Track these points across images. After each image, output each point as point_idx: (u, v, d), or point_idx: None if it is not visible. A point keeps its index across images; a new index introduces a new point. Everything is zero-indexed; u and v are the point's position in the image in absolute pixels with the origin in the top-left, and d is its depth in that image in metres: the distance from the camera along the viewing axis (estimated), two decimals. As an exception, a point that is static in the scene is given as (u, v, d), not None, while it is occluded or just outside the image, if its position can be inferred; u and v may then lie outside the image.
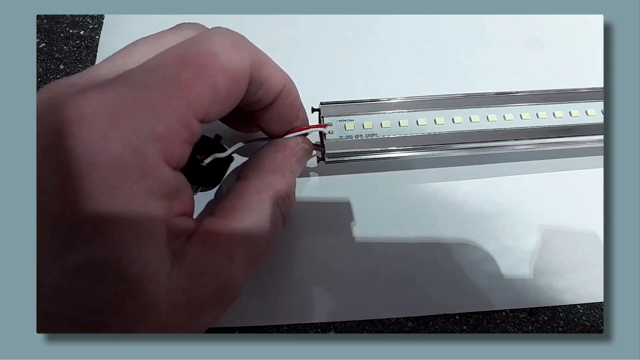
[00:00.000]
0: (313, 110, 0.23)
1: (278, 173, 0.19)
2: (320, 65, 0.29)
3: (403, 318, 0.22)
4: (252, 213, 0.18)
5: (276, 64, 0.19)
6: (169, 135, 0.14)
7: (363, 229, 0.24)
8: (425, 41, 0.31)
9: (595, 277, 0.24)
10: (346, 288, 0.23)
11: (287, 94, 0.19)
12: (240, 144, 0.22)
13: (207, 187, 0.22)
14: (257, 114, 0.20)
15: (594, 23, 0.32)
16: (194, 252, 0.16)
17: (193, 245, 0.16)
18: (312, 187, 0.25)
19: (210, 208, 0.24)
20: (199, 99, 0.15)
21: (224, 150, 0.22)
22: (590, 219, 0.25)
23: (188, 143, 0.15)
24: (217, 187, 0.23)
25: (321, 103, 0.23)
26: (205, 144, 0.22)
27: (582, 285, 0.24)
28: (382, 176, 0.26)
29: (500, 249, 0.24)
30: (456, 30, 0.31)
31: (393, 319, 0.22)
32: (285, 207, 0.19)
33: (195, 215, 0.21)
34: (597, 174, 0.26)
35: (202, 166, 0.21)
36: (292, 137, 0.21)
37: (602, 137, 0.24)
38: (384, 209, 0.25)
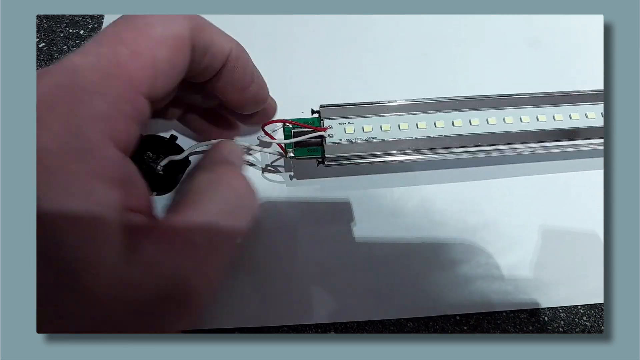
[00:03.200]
0: (313, 112, 0.23)
1: (228, 165, 0.19)
2: (320, 66, 0.29)
3: (403, 319, 0.22)
4: (212, 203, 0.17)
5: (220, 29, 0.18)
6: (112, 112, 0.14)
7: (363, 229, 0.24)
8: (425, 41, 0.31)
9: (596, 278, 0.24)
10: (346, 289, 0.23)
11: (235, 57, 0.18)
12: (196, 145, 0.21)
13: (162, 192, 0.22)
14: (210, 85, 0.19)
15: (594, 23, 0.32)
16: (150, 245, 0.14)
17: (150, 240, 0.14)
18: (313, 188, 0.25)
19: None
20: (140, 74, 0.15)
21: (180, 151, 0.21)
22: (590, 219, 0.25)
23: (134, 121, 0.15)
24: (172, 191, 0.22)
25: (321, 106, 0.23)
26: (160, 144, 0.21)
27: (583, 285, 0.24)
28: (382, 177, 0.26)
29: (500, 250, 0.24)
30: (456, 30, 0.31)
31: (393, 319, 0.22)
32: (244, 198, 0.18)
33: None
34: (597, 175, 0.26)
35: (155, 169, 0.20)
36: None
37: (602, 140, 0.24)
38: (384, 209, 0.25)
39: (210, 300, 0.16)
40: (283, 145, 0.22)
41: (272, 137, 0.22)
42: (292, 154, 0.22)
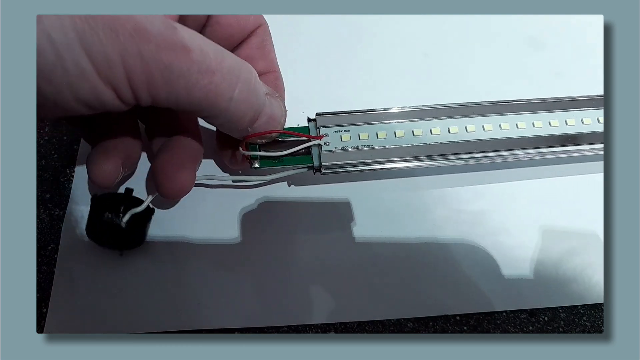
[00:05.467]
0: (309, 120, 0.23)
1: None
2: (315, 68, 0.29)
3: (403, 319, 0.22)
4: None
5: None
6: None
7: (363, 229, 0.24)
8: (425, 41, 0.31)
9: (596, 278, 0.24)
10: (346, 289, 0.23)
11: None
12: (157, 194, 0.21)
13: (131, 247, 0.22)
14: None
15: (594, 23, 0.32)
16: None
17: None
18: (313, 188, 0.25)
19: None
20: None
21: (140, 202, 0.21)
22: (590, 219, 0.25)
23: None
24: (142, 244, 0.22)
25: (317, 114, 0.23)
26: (116, 202, 0.20)
27: (583, 285, 0.23)
28: (382, 176, 0.26)
29: (500, 250, 0.24)
30: (456, 30, 0.31)
31: (393, 319, 0.22)
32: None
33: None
34: (597, 176, 0.26)
35: (119, 226, 0.20)
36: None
37: (599, 146, 0.24)
38: (385, 209, 0.25)
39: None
40: (249, 156, 0.21)
41: (244, 147, 0.21)
42: (257, 165, 0.22)
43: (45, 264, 0.22)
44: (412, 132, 0.23)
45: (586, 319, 0.23)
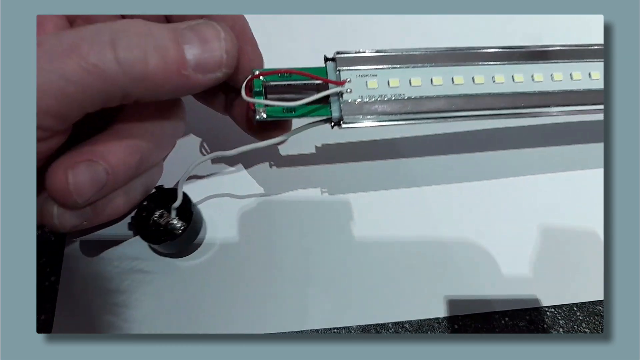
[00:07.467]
0: (327, 59, 0.19)
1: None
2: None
3: (402, 322, 0.22)
4: None
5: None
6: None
7: (362, 230, 0.24)
8: (424, 41, 0.31)
9: (595, 277, 0.24)
10: (345, 291, 0.23)
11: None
12: (183, 177, 0.19)
13: (195, 235, 0.22)
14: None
15: (594, 23, 0.32)
16: None
17: None
18: (312, 188, 0.25)
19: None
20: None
21: (175, 193, 0.20)
22: (590, 219, 0.25)
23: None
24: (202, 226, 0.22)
25: (337, 53, 0.19)
26: (153, 203, 0.20)
27: (582, 285, 0.23)
28: (382, 176, 0.26)
29: (500, 250, 0.24)
30: (456, 30, 0.31)
31: (392, 323, 0.22)
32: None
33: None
34: (597, 174, 0.26)
35: (175, 228, 0.20)
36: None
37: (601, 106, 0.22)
38: (384, 210, 0.25)
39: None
40: (255, 105, 0.18)
41: (248, 94, 0.17)
42: (263, 115, 0.18)
43: (49, 266, 0.22)
44: (452, 79, 0.20)
45: (586, 320, 0.23)
